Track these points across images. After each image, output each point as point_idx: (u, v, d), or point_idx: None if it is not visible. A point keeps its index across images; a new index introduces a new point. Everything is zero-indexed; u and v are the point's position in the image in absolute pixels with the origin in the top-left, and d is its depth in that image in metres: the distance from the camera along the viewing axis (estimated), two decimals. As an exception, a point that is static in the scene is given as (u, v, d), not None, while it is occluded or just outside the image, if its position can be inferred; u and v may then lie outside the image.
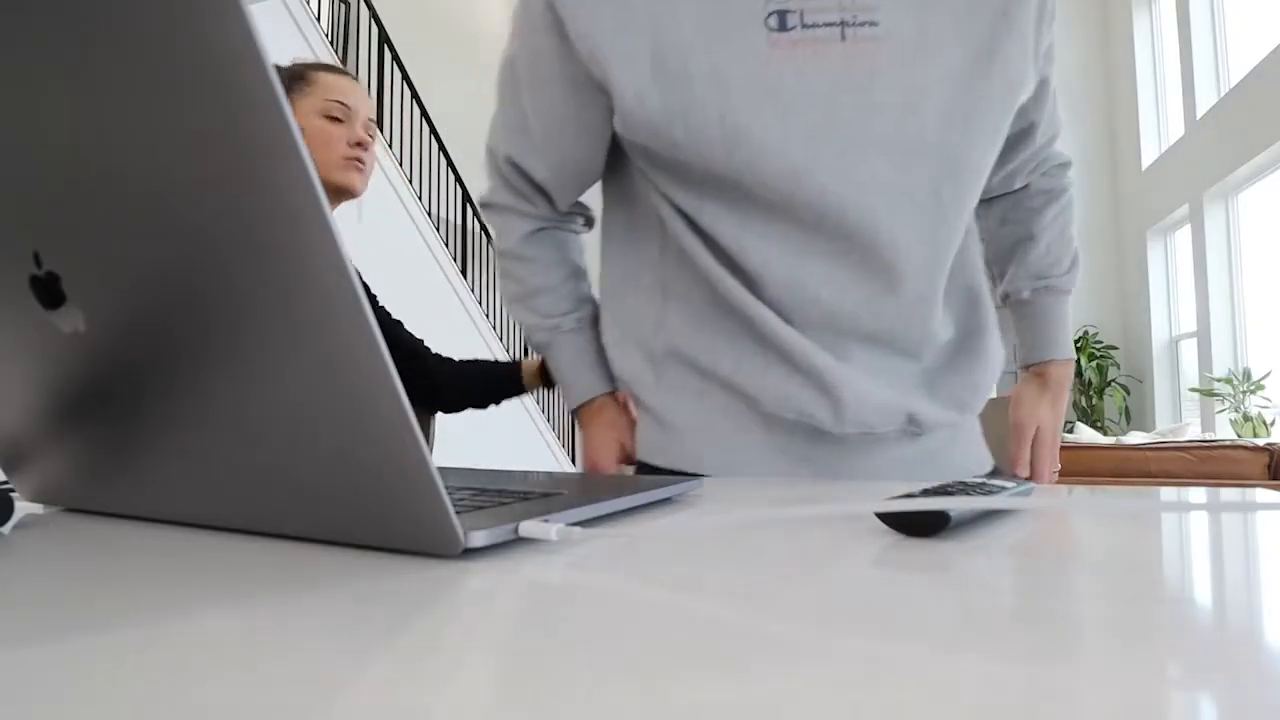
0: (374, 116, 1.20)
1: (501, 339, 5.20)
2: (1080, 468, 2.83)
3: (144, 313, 0.35)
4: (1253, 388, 4.32)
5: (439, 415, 1.30)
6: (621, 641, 0.22)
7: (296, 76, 1.13)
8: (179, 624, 0.24)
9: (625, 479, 0.57)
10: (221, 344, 0.33)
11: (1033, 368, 0.91)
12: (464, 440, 3.74)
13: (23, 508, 0.51)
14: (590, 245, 0.85)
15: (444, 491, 0.32)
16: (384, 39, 4.40)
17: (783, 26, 0.60)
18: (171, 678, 0.19)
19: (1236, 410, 4.32)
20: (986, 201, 0.89)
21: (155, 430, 0.39)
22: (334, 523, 0.36)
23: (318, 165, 1.14)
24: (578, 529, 0.37)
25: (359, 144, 1.14)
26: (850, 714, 0.17)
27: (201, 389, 0.35)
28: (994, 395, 1.02)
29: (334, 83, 1.14)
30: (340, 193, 1.15)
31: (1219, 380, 4.49)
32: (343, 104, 1.13)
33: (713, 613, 0.26)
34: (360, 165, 1.15)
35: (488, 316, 5.08)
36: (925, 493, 0.42)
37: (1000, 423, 1.17)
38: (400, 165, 4.35)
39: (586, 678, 0.19)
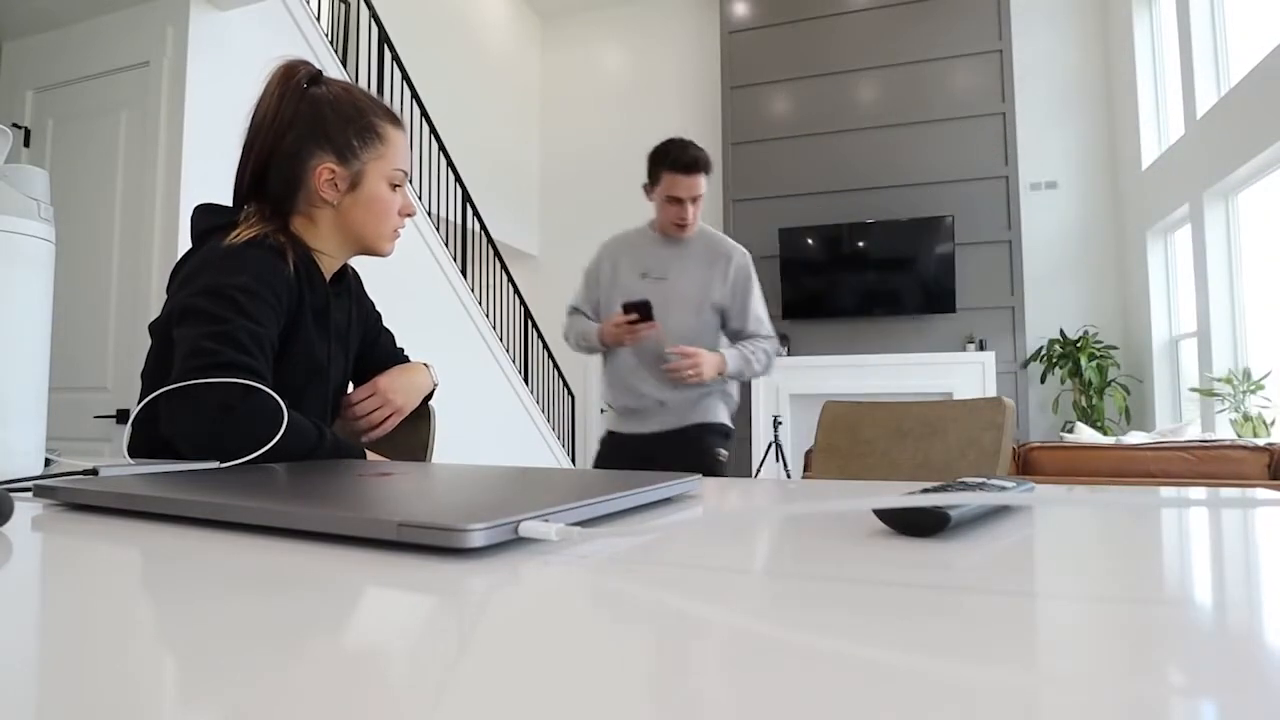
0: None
1: (502, 339, 5.20)
2: (1081, 468, 2.83)
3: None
4: (1253, 388, 4.31)
5: (439, 414, 1.30)
6: (621, 641, 0.22)
7: (369, 130, 1.03)
8: (177, 620, 0.24)
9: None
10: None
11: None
12: (463, 438, 3.73)
13: (23, 507, 0.51)
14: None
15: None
16: (384, 39, 4.39)
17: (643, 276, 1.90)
18: (170, 673, 0.19)
19: (1236, 410, 4.32)
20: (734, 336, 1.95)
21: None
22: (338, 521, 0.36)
23: (370, 233, 1.05)
24: (577, 529, 0.37)
25: (406, 212, 1.08)
26: (849, 714, 0.17)
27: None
28: (1001, 397, 1.02)
29: (400, 144, 1.06)
30: (369, 253, 1.09)
31: (1219, 380, 4.49)
32: (405, 171, 1.06)
33: (712, 612, 0.26)
34: (400, 233, 1.10)
35: (488, 316, 5.08)
36: (925, 492, 0.42)
37: (994, 422, 1.16)
38: (400, 165, 4.35)
39: (586, 677, 0.19)
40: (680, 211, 1.81)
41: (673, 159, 1.80)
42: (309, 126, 1.01)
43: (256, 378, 0.86)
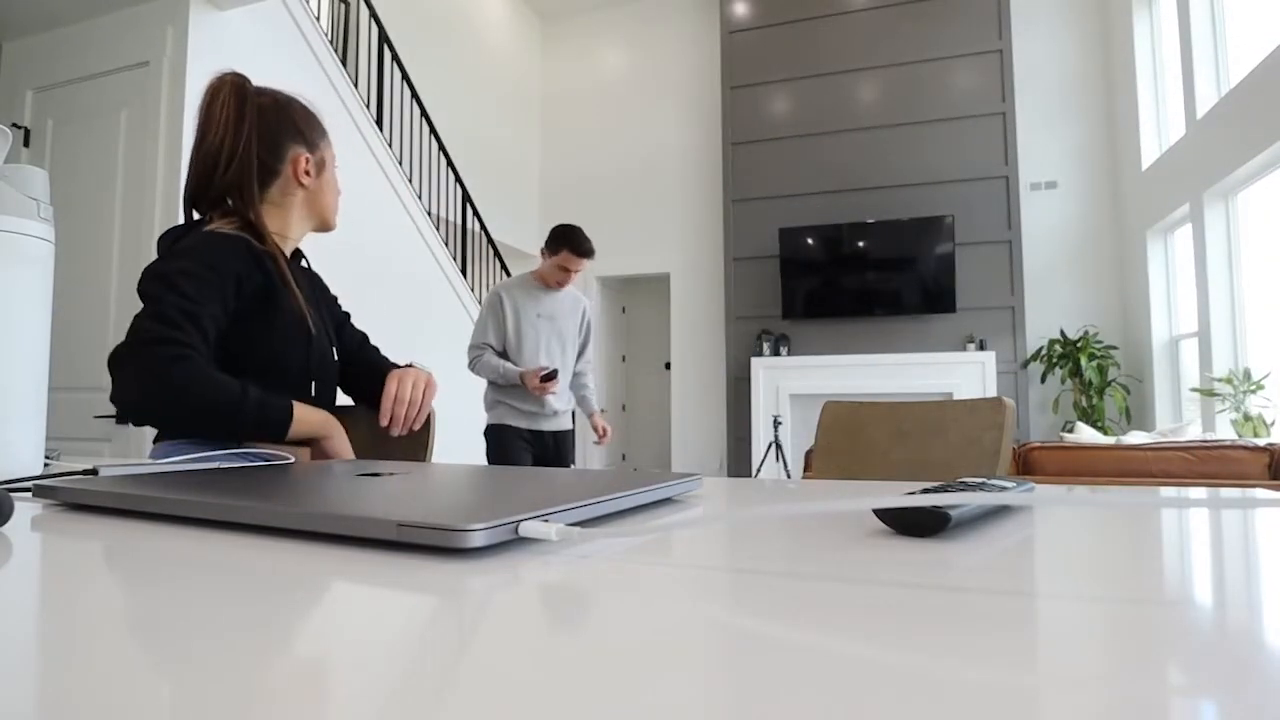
0: None
1: (501, 339, 5.20)
2: (1081, 468, 2.83)
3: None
4: (1253, 388, 4.31)
5: (438, 414, 1.30)
6: (620, 641, 0.22)
7: (319, 125, 1.20)
8: (177, 620, 0.24)
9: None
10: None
11: None
12: (463, 438, 3.73)
13: (23, 507, 0.51)
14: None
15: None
16: (384, 39, 4.39)
17: (539, 316, 2.67)
18: (169, 674, 0.19)
19: (1237, 410, 4.32)
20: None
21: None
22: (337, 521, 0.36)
23: (330, 208, 1.20)
24: (577, 529, 0.37)
25: (339, 190, 1.26)
26: (848, 714, 0.17)
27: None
28: (997, 396, 1.03)
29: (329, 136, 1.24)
30: (325, 228, 1.23)
31: (1219, 380, 4.48)
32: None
33: (711, 612, 0.26)
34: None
35: (488, 316, 5.08)
36: (925, 492, 0.42)
37: (994, 422, 1.16)
38: (400, 165, 4.35)
39: (585, 676, 0.19)
40: (566, 278, 2.66)
41: (574, 244, 2.60)
42: (280, 123, 1.15)
43: (179, 347, 0.95)
